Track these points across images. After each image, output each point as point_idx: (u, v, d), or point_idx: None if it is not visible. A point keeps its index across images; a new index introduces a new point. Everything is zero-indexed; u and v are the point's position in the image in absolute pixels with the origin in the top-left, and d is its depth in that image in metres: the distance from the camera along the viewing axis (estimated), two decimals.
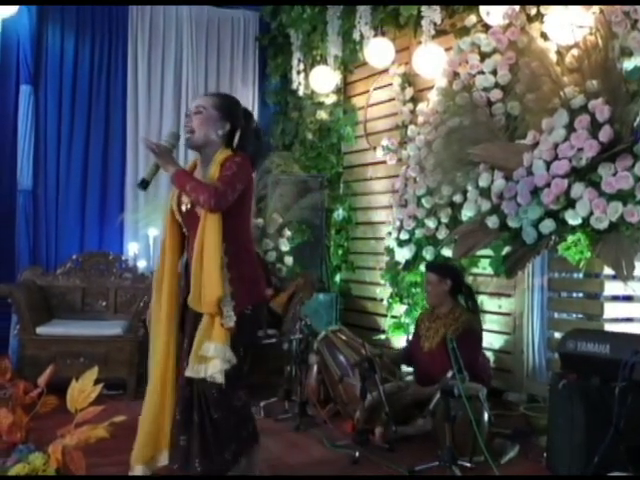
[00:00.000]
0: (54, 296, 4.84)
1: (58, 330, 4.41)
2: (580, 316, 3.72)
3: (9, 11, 4.77)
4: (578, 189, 3.15)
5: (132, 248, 5.30)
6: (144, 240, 5.30)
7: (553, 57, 3.59)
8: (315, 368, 4.02)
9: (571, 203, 3.20)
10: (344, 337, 3.94)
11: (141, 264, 5.18)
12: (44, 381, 3.00)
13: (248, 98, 5.81)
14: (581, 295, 3.79)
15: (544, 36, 3.69)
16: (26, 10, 4.95)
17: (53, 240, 5.22)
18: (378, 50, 4.75)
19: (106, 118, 5.39)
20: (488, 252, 3.90)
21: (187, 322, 2.49)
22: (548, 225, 3.30)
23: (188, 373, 2.37)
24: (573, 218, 3.19)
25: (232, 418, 2.41)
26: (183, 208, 2.48)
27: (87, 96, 5.32)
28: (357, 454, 3.18)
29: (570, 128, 3.22)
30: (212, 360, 2.32)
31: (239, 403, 2.43)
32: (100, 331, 4.43)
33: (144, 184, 2.42)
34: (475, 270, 4.26)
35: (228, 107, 2.51)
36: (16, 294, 4.40)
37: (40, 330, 4.35)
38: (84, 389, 2.70)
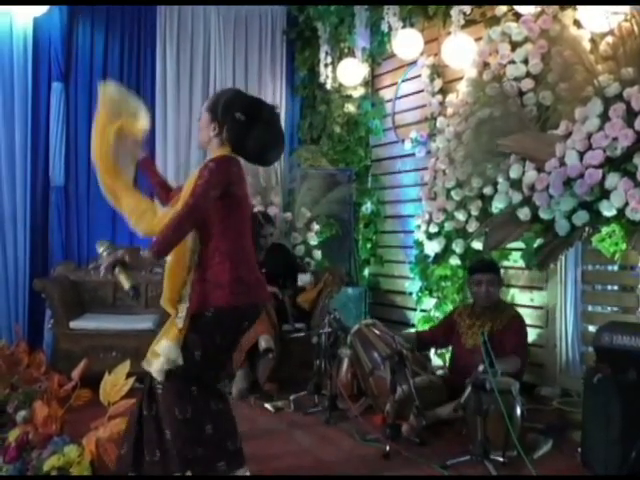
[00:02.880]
0: (86, 291, 4.90)
1: (91, 324, 4.47)
2: (615, 309, 3.66)
3: (41, 9, 4.85)
4: (613, 179, 3.09)
5: None
6: None
7: (586, 45, 3.52)
8: (346, 362, 4.02)
9: (605, 194, 3.14)
10: (377, 331, 3.92)
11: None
12: (77, 374, 3.04)
13: (276, 92, 5.82)
14: (616, 288, 3.72)
15: (577, 24, 3.62)
16: (57, 8, 5.01)
17: (85, 235, 5.28)
18: (406, 41, 4.70)
19: None
20: (519, 245, 3.85)
21: None
22: (582, 216, 3.24)
23: (142, 364, 2.38)
24: (608, 209, 3.12)
25: (172, 424, 2.30)
26: None
27: None
28: (387, 448, 3.16)
29: (604, 117, 3.16)
30: (159, 357, 2.31)
31: (180, 416, 2.30)
32: (131, 325, 4.48)
33: (135, 292, 2.29)
34: (506, 263, 4.20)
35: (215, 105, 2.42)
36: (50, 289, 4.48)
37: (73, 324, 4.41)
38: (116, 382, 2.73)
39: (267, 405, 3.91)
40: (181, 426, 2.31)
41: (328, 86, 5.62)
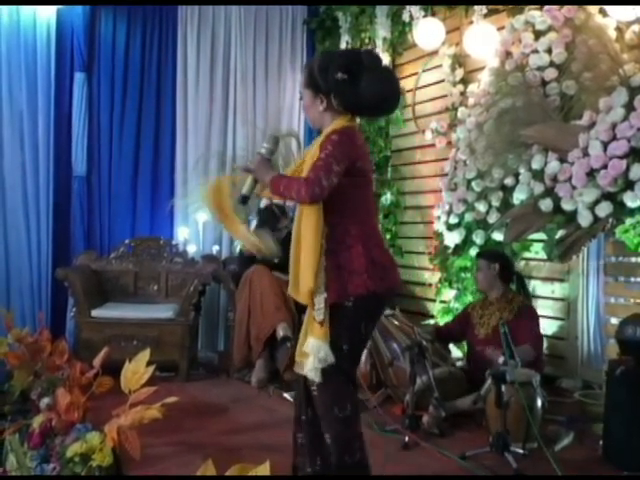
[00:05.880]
0: (108, 280, 4.96)
1: (112, 313, 4.52)
2: (638, 301, 3.61)
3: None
4: (637, 170, 3.04)
5: (182, 233, 5.37)
6: (194, 225, 5.37)
7: (612, 34, 3.46)
8: (365, 352, 4.01)
9: (630, 185, 3.09)
10: (397, 322, 3.92)
11: (191, 249, 5.25)
12: (99, 362, 3.07)
13: (296, 82, 5.81)
14: (639, 280, 3.67)
15: (603, 12, 3.55)
16: None
17: (106, 225, 5.33)
18: (428, 31, 4.65)
19: (157, 104, 5.45)
20: (541, 236, 3.81)
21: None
22: (605, 208, 3.20)
23: (295, 368, 2.30)
24: (632, 200, 3.08)
25: (331, 425, 2.22)
26: None
27: (138, 83, 5.39)
28: (407, 439, 3.17)
29: (629, 107, 3.11)
30: (309, 357, 2.18)
31: (341, 415, 2.21)
32: (152, 314, 4.52)
33: (244, 200, 2.25)
34: (527, 255, 4.16)
35: (312, 78, 2.25)
36: (72, 278, 4.53)
37: (95, 313, 4.46)
38: (137, 370, 2.75)
39: (286, 395, 3.93)
40: (341, 426, 2.22)
41: None
